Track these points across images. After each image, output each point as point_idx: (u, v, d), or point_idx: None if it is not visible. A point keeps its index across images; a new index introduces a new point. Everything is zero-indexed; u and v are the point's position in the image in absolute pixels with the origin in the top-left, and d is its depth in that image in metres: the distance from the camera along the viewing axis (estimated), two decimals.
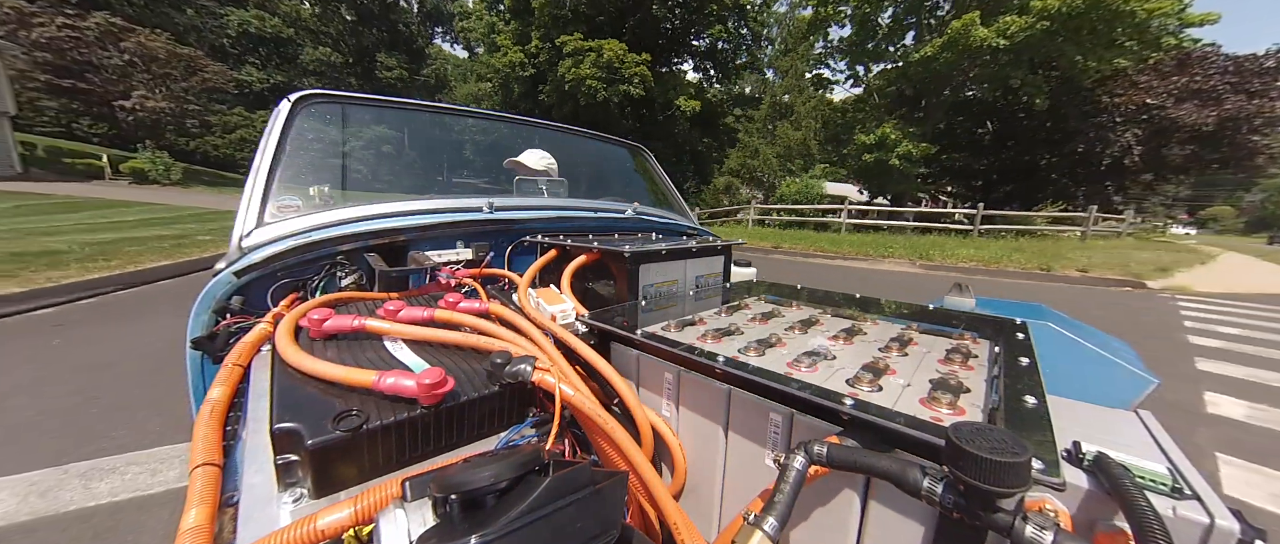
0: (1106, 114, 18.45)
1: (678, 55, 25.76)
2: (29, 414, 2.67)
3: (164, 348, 3.71)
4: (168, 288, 5.81)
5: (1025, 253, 10.52)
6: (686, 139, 24.49)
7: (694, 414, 0.87)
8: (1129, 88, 17.69)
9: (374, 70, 37.17)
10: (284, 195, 1.42)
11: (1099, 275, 8.87)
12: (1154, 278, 8.74)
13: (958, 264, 10.12)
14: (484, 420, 0.77)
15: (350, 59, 36.34)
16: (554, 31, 20.31)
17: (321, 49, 34.56)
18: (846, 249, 11.91)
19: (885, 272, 9.90)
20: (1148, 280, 8.54)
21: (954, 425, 0.49)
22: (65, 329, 4.17)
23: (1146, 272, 9.06)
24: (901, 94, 19.16)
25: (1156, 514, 0.46)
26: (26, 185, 15.70)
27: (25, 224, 8.67)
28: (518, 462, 0.46)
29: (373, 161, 5.32)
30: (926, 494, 0.51)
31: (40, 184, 16.39)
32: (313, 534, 0.50)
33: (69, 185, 17.11)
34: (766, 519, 0.57)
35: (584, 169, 2.83)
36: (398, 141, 5.25)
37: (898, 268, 10.31)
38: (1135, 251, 11.87)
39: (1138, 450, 0.63)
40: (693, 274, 1.49)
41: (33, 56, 20.35)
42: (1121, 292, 8.09)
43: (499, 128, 2.61)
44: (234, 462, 0.75)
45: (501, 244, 1.67)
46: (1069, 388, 0.86)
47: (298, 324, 0.93)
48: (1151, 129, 17.98)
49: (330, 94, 1.63)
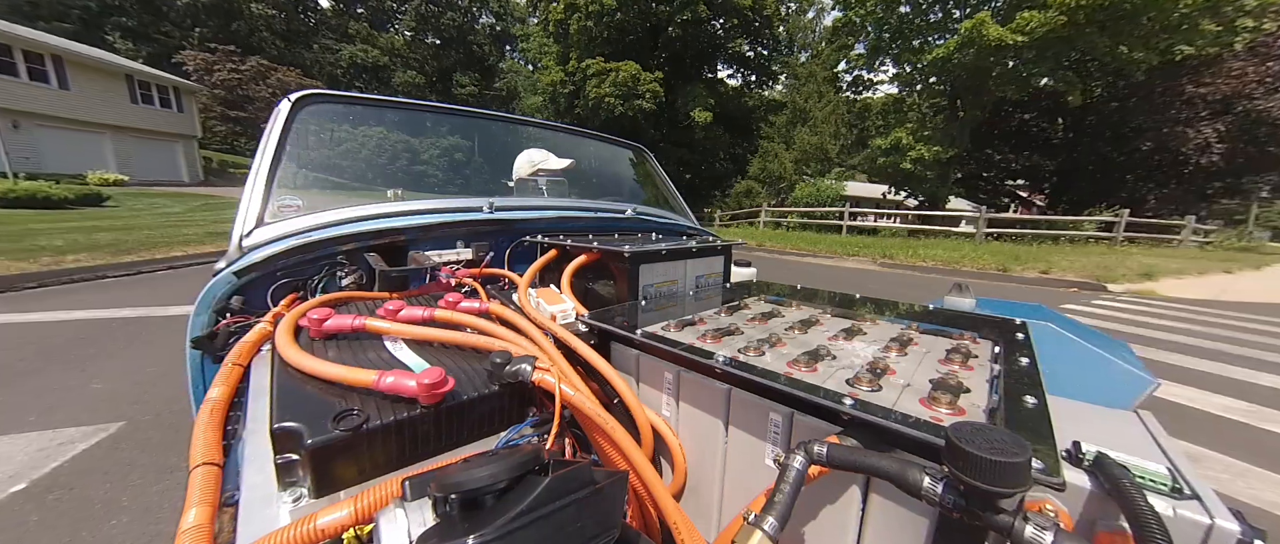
0: (1184, 107, 16.26)
1: (710, 65, 27.20)
2: None
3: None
4: None
5: (999, 256, 10.57)
6: (707, 146, 26.02)
7: (694, 414, 0.87)
8: (1219, 76, 15.44)
9: (450, 88, 41.88)
10: (284, 195, 1.42)
11: (1057, 276, 8.95)
12: (1120, 282, 8.61)
13: (917, 262, 10.54)
14: (484, 420, 0.77)
15: (433, 79, 41.75)
16: (587, 53, 23.28)
17: (409, 72, 40.36)
18: (820, 248, 12.55)
19: (845, 268, 10.64)
20: (1111, 283, 8.45)
21: (954, 425, 0.49)
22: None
23: (1118, 276, 8.90)
24: (941, 93, 18.66)
25: (1156, 514, 0.46)
26: (206, 189, 21.83)
27: (212, 215, 12.94)
28: (517, 462, 0.46)
29: (377, 160, 5.32)
30: (926, 494, 0.51)
31: (215, 188, 22.29)
32: (312, 534, 0.50)
33: (235, 189, 21.16)
34: (766, 519, 0.57)
35: (586, 169, 2.83)
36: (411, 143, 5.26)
37: (858, 265, 11.01)
38: (1148, 258, 10.94)
39: (1138, 450, 0.63)
40: (693, 274, 1.49)
41: (212, 93, 27.89)
42: (1068, 291, 8.13)
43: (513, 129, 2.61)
44: (234, 461, 0.75)
45: (501, 244, 1.67)
46: (1069, 388, 0.86)
47: (298, 324, 0.92)
48: (1237, 123, 15.74)
49: (330, 93, 1.64)
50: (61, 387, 3.02)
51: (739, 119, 26.71)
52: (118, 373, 3.25)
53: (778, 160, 25.34)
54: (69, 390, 2.97)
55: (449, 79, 42.15)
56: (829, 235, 15.76)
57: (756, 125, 27.08)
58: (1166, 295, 7.89)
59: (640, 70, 22.22)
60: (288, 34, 37.45)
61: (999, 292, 7.93)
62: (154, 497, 2.02)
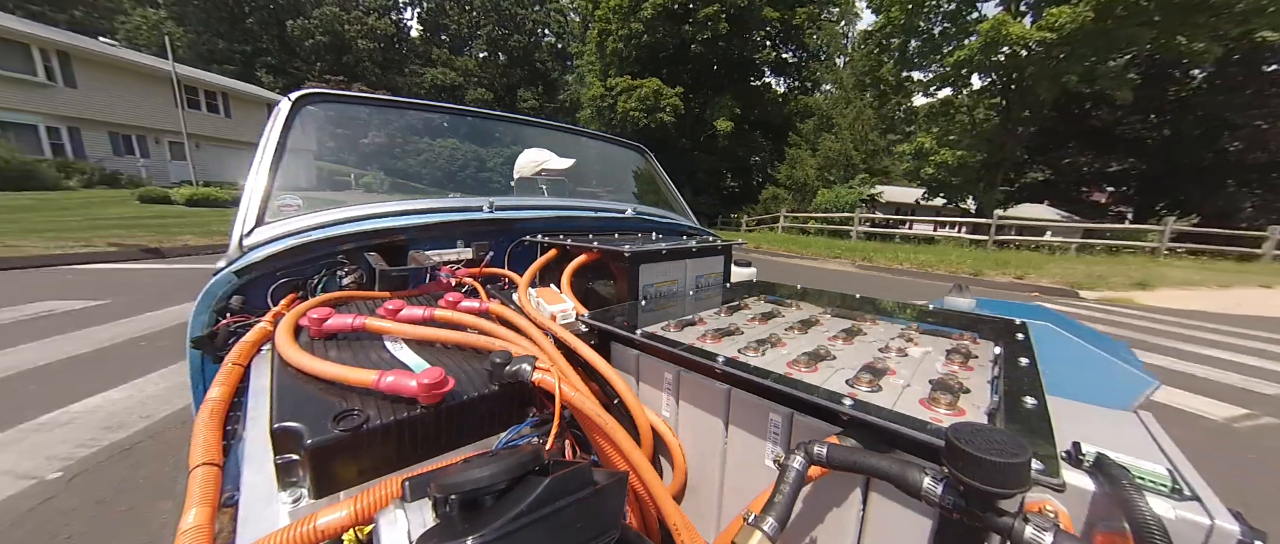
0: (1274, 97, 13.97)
1: (752, 74, 28.62)
2: None
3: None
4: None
5: (982, 261, 10.51)
6: (737, 152, 27.60)
7: (694, 414, 0.87)
8: None
9: (516, 102, 45.64)
10: (284, 195, 1.42)
11: (1032, 281, 8.85)
12: (1101, 289, 8.35)
13: (891, 265, 10.76)
14: (484, 420, 0.77)
15: (500, 94, 46.24)
16: (621, 70, 26.32)
17: (480, 90, 45.15)
18: (809, 250, 13.08)
19: (824, 269, 11.03)
20: (1088, 291, 8.24)
21: (954, 426, 0.49)
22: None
23: (1104, 285, 8.60)
24: (989, 94, 17.79)
25: (1156, 516, 0.46)
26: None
27: None
28: (517, 462, 0.46)
29: (381, 160, 5.31)
30: (926, 495, 0.51)
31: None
32: (312, 534, 0.50)
33: (338, 195, 25.88)
34: (766, 519, 0.57)
35: (588, 170, 2.83)
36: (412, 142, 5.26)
37: (838, 267, 11.34)
38: (1179, 271, 10.03)
39: (1138, 451, 0.63)
40: (693, 274, 1.49)
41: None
42: (1031, 296, 8.01)
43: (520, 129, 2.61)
44: (234, 461, 0.75)
45: (501, 244, 1.67)
46: (1069, 388, 0.86)
47: (298, 323, 0.92)
48: None
49: (330, 93, 1.63)
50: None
51: (778, 125, 28.05)
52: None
53: (801, 166, 26.03)
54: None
55: (514, 94, 46.58)
56: (840, 241, 15.60)
57: (789, 131, 28.05)
58: (1143, 304, 7.54)
59: (661, 85, 24.72)
60: (385, 63, 45.17)
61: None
62: None
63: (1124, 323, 6.00)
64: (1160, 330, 5.65)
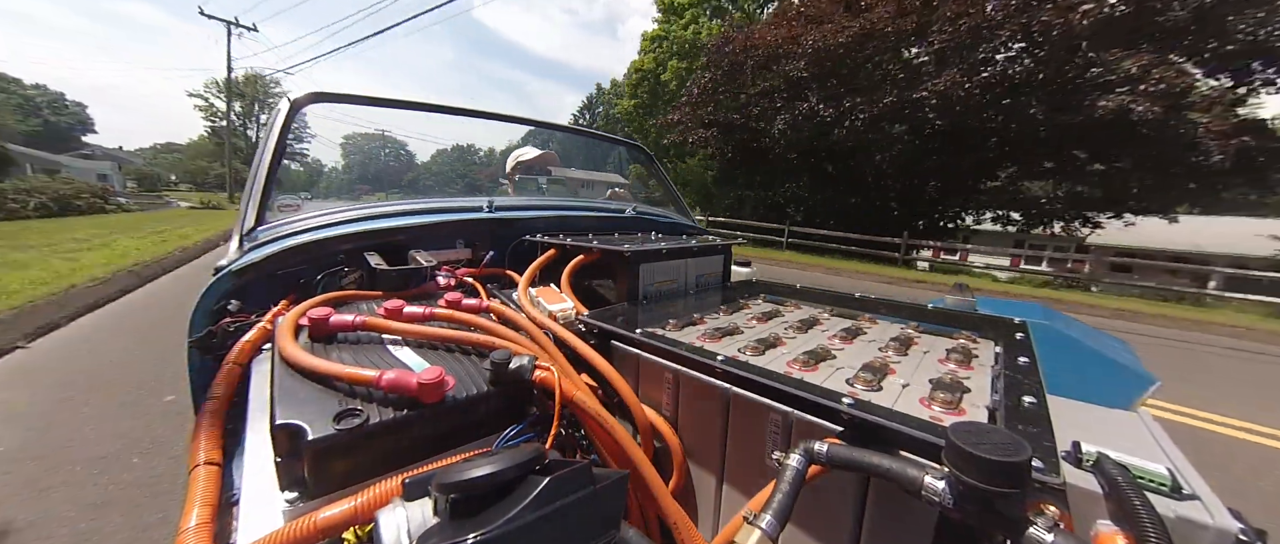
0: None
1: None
2: None
3: None
4: None
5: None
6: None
7: (694, 413, 0.87)
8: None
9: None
10: (284, 195, 1.41)
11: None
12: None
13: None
14: (484, 420, 0.77)
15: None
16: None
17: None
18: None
19: None
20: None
21: (954, 425, 0.49)
22: None
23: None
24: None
25: (1156, 515, 0.46)
26: None
27: None
28: (517, 461, 0.46)
29: (378, 162, 5.30)
30: (926, 494, 0.51)
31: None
32: (313, 533, 0.50)
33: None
34: (766, 518, 0.57)
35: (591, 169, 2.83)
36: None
37: None
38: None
39: (1138, 450, 0.63)
40: (693, 274, 1.49)
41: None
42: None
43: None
44: (234, 461, 0.75)
45: (501, 243, 1.67)
46: (1069, 388, 0.86)
47: (298, 323, 0.92)
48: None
49: (330, 94, 1.63)
50: None
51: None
52: None
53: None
54: None
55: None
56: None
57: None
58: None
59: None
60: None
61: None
62: None
63: None
64: None
